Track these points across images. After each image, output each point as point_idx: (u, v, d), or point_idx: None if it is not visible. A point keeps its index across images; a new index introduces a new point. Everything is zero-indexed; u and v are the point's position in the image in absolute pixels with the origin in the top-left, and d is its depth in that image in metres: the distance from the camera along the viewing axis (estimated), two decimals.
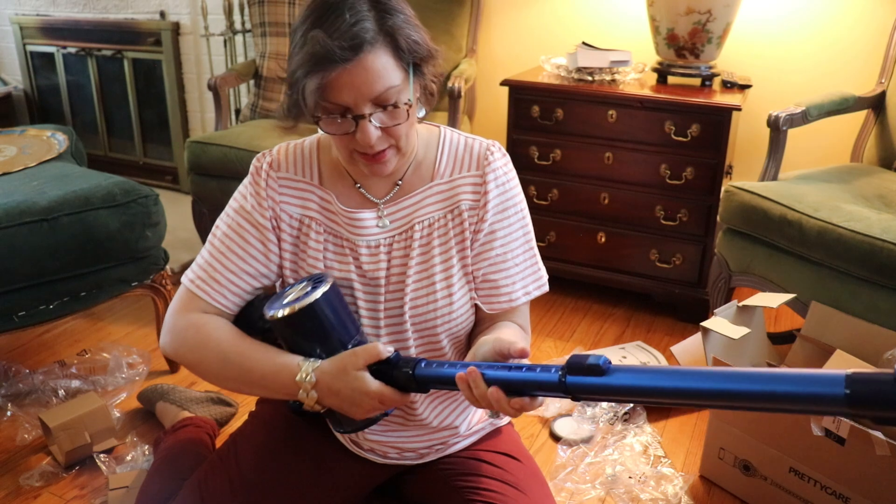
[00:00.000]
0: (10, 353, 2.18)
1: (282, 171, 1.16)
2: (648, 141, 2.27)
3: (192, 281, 1.15)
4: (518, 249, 1.17)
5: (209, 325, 1.12)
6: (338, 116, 1.01)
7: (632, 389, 0.79)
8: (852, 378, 0.64)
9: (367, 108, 1.00)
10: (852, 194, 1.95)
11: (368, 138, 1.01)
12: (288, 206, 1.15)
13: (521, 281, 1.18)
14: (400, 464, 1.26)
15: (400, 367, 1.00)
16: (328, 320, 1.04)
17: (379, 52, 0.98)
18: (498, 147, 1.17)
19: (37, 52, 3.71)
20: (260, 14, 2.82)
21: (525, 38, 2.82)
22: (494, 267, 1.15)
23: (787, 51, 2.47)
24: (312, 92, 0.98)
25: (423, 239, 1.14)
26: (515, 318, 1.19)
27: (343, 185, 1.16)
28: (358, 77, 0.98)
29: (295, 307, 1.02)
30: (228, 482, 1.19)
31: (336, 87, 0.98)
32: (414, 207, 1.15)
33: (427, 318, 1.14)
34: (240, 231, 1.15)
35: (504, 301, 1.16)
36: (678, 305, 2.40)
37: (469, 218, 1.14)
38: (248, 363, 1.08)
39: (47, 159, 2.15)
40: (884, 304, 1.69)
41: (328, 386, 1.01)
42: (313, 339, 1.05)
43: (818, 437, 1.40)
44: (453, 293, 1.14)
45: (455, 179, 1.15)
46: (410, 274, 1.13)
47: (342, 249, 1.14)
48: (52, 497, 1.62)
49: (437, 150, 1.16)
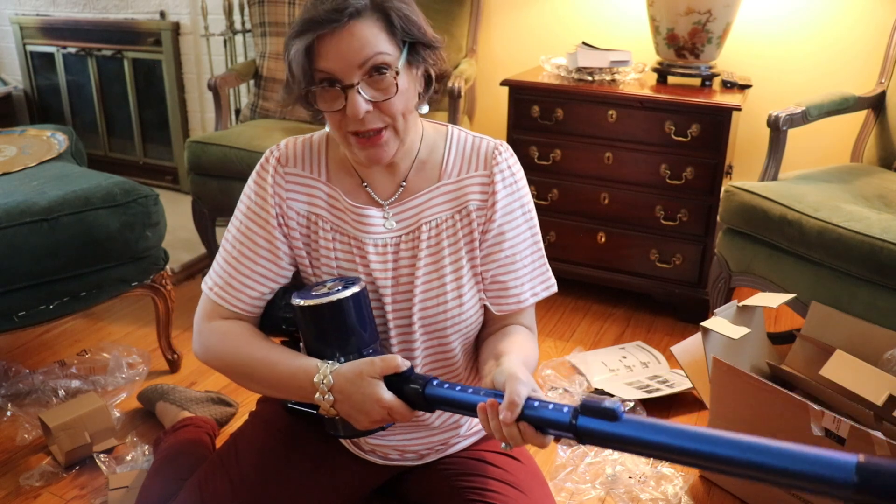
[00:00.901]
0: (10, 353, 2.18)
1: (289, 166, 1.15)
2: (648, 141, 2.27)
3: (210, 289, 1.17)
4: (526, 250, 1.17)
5: (230, 332, 1.14)
6: (326, 85, 1.01)
7: (641, 442, 0.79)
8: (863, 466, 0.63)
9: (354, 76, 1.00)
10: (852, 194, 1.95)
11: (357, 109, 1.00)
12: (295, 203, 1.15)
13: (530, 282, 1.17)
14: (400, 464, 1.26)
15: (412, 382, 0.99)
16: (351, 321, 1.04)
17: (368, 21, 1.00)
18: (506, 147, 1.16)
19: (37, 52, 3.71)
20: (260, 14, 2.82)
21: (525, 38, 2.82)
22: (504, 268, 1.15)
23: (787, 51, 2.47)
24: (299, 53, 0.99)
25: (431, 240, 1.13)
26: (522, 319, 1.19)
27: (350, 182, 1.15)
28: (343, 41, 0.99)
29: (322, 301, 1.03)
30: (229, 482, 1.19)
31: (322, 52, 1.00)
32: (421, 208, 1.14)
33: (437, 319, 1.13)
34: (249, 235, 1.15)
35: (513, 302, 1.16)
36: (678, 305, 2.40)
37: (477, 218, 1.14)
38: (268, 367, 1.09)
39: (47, 159, 2.15)
40: (883, 304, 1.69)
41: (342, 389, 1.01)
42: (332, 337, 1.05)
43: (818, 437, 1.40)
44: (463, 294, 1.13)
45: (462, 179, 1.14)
46: (420, 275, 1.12)
47: (349, 248, 1.14)
48: (52, 497, 1.62)
49: (444, 150, 1.16)
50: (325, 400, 1.02)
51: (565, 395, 1.97)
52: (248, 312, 1.16)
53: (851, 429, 1.35)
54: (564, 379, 2.04)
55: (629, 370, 2.10)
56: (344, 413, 1.02)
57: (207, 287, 1.17)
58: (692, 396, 1.98)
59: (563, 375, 2.07)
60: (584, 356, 2.17)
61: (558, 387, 2.00)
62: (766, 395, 1.47)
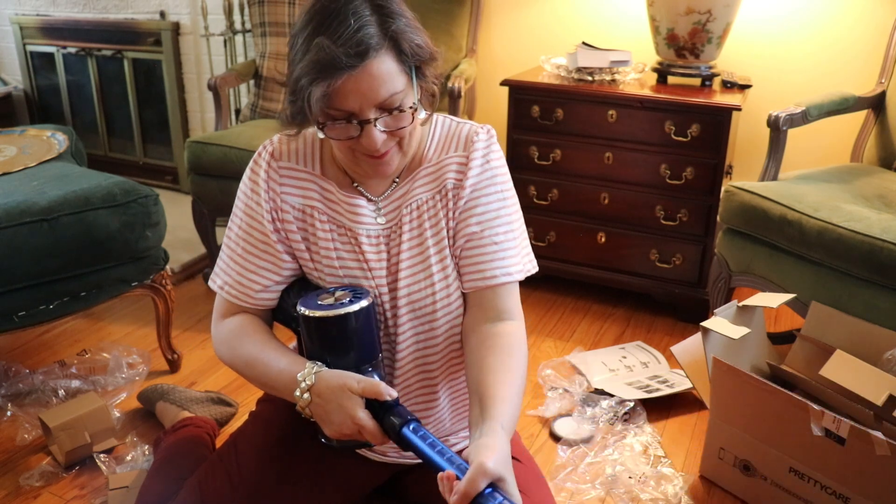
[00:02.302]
0: (10, 353, 2.18)
1: (283, 160, 1.16)
2: (648, 141, 2.27)
3: (221, 287, 1.19)
4: (498, 228, 1.14)
5: (234, 330, 1.16)
6: (343, 122, 1.01)
7: None
8: None
9: (372, 112, 1.00)
10: (852, 194, 1.95)
11: (374, 143, 1.02)
12: (289, 197, 1.15)
13: (500, 261, 1.14)
14: (400, 463, 1.26)
15: (393, 415, 1.00)
16: (354, 336, 1.05)
17: (383, 57, 0.99)
18: (487, 129, 1.16)
19: (37, 52, 3.71)
20: (260, 14, 2.82)
21: (525, 38, 2.82)
22: (472, 244, 1.14)
23: (787, 51, 2.47)
24: (318, 100, 0.98)
25: (413, 222, 1.14)
26: (502, 304, 1.15)
27: (344, 180, 1.16)
28: (363, 83, 0.98)
29: (328, 313, 1.03)
30: (229, 482, 1.19)
31: (342, 93, 0.99)
32: (405, 196, 1.15)
33: (426, 303, 1.13)
34: (246, 230, 1.17)
35: (478, 279, 1.14)
36: (678, 305, 2.40)
37: (454, 198, 1.14)
38: (261, 364, 1.11)
39: (47, 159, 2.15)
40: (883, 304, 1.69)
41: (320, 393, 1.02)
42: (331, 348, 1.06)
43: (818, 437, 1.40)
44: (449, 275, 1.14)
45: (442, 161, 1.15)
46: (404, 258, 1.13)
47: (347, 239, 1.15)
48: (52, 497, 1.62)
49: (428, 137, 1.17)
50: (303, 399, 1.04)
51: (565, 395, 1.97)
52: (258, 305, 1.18)
53: (851, 429, 1.35)
54: (564, 379, 2.04)
55: (629, 370, 2.10)
56: (317, 416, 1.04)
57: (217, 286, 1.19)
58: (692, 396, 1.98)
59: (563, 375, 2.07)
60: (584, 356, 2.17)
61: (558, 387, 2.00)
62: (766, 395, 1.47)
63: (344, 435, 1.02)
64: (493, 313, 1.14)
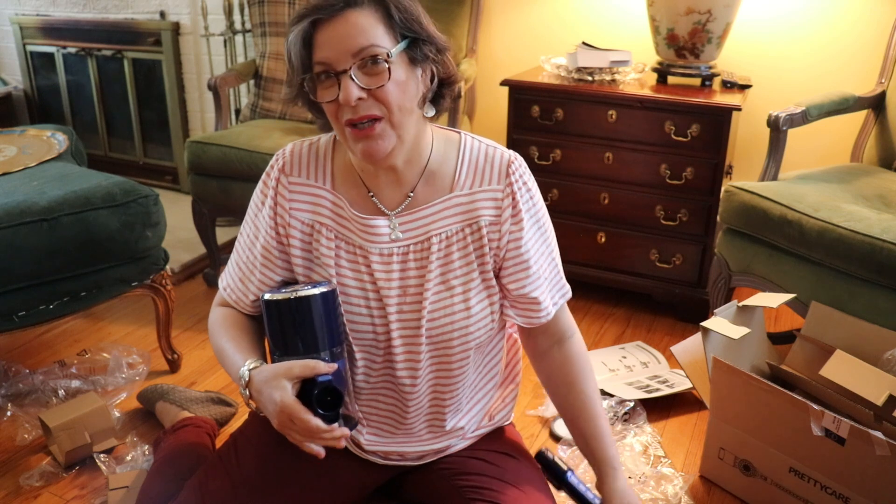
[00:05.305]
0: (10, 353, 2.18)
1: (293, 175, 1.15)
2: (648, 141, 2.27)
3: (223, 289, 1.23)
4: (545, 264, 1.18)
5: (215, 321, 1.21)
6: (324, 77, 1.02)
7: None
8: None
9: (346, 63, 1.00)
10: (852, 194, 1.95)
11: (348, 94, 1.00)
12: (298, 213, 1.15)
13: (549, 292, 1.19)
14: (401, 464, 1.26)
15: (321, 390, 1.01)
16: (311, 320, 1.05)
17: (366, 11, 1.01)
18: (519, 159, 1.16)
19: (37, 52, 3.71)
20: (260, 14, 2.82)
21: (525, 38, 2.82)
22: (532, 285, 1.16)
23: (787, 51, 2.47)
24: (296, 40, 1.01)
25: (440, 252, 1.13)
26: (562, 322, 1.24)
27: (357, 192, 1.15)
28: (338, 29, 1.00)
29: (288, 296, 1.05)
30: (229, 482, 1.19)
31: (319, 42, 1.01)
32: (431, 219, 1.13)
33: (444, 330, 1.13)
34: (253, 239, 1.19)
35: (543, 316, 1.18)
36: (678, 305, 2.40)
37: (489, 234, 1.13)
38: (224, 358, 1.14)
39: (47, 159, 2.15)
40: (884, 304, 1.69)
41: (255, 387, 1.04)
42: (289, 333, 1.06)
43: (818, 437, 1.40)
44: (471, 307, 1.14)
45: (475, 192, 1.13)
46: (430, 287, 1.12)
47: (354, 256, 1.14)
48: (52, 497, 1.62)
49: (456, 160, 1.14)
50: (244, 395, 1.07)
51: None
52: (255, 311, 1.22)
53: (851, 429, 1.35)
54: None
55: (629, 370, 2.10)
56: (264, 413, 1.05)
57: (221, 286, 1.24)
58: (692, 396, 1.98)
59: None
60: None
61: None
62: (766, 395, 1.47)
63: (283, 426, 1.02)
64: (559, 335, 1.24)
